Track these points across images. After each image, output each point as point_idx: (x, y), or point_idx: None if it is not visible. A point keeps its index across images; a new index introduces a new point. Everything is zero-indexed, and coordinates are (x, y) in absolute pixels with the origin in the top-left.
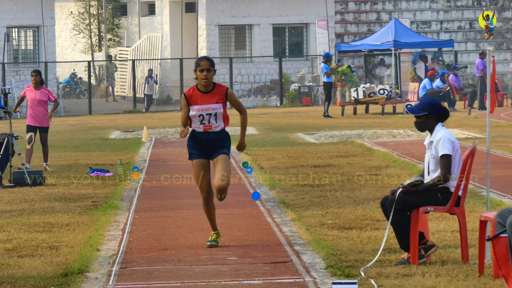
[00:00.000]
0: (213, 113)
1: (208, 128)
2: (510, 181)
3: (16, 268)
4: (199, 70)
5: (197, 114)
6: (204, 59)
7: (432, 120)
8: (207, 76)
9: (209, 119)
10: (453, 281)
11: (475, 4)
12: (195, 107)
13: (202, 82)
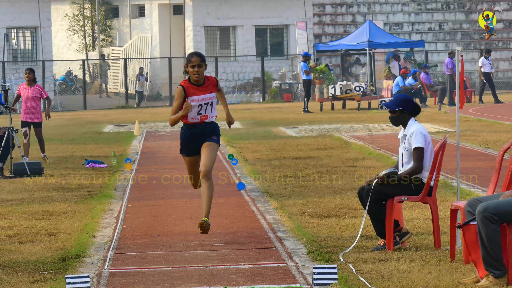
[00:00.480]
0: (210, 102)
1: (205, 118)
2: (479, 173)
3: (17, 253)
4: (190, 66)
5: (196, 105)
6: (195, 55)
7: (406, 115)
8: (199, 71)
9: (206, 109)
10: (426, 266)
11: (444, 7)
12: (194, 98)
13: (194, 77)
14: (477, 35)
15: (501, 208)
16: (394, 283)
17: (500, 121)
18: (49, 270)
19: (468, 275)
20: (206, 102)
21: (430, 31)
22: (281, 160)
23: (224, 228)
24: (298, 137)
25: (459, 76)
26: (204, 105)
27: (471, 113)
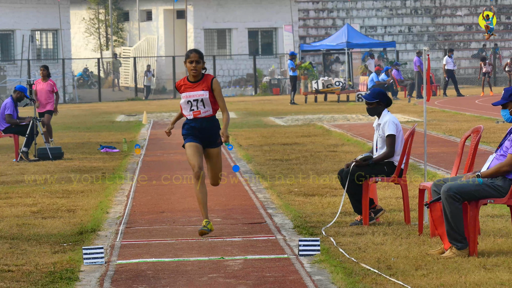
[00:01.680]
0: (199, 99)
1: (197, 114)
2: (443, 157)
3: (40, 227)
4: (188, 62)
5: (185, 101)
6: (194, 52)
7: (381, 106)
8: (196, 67)
9: (197, 105)
10: (397, 239)
11: (412, 12)
12: (183, 94)
13: (191, 72)
14: (441, 37)
15: (463, 188)
16: (369, 254)
17: (462, 112)
18: (68, 242)
19: (434, 247)
20: (196, 99)
21: (401, 33)
22: (271, 146)
23: (220, 205)
24: (285, 125)
25: (426, 73)
26: (193, 101)
27: (437, 105)
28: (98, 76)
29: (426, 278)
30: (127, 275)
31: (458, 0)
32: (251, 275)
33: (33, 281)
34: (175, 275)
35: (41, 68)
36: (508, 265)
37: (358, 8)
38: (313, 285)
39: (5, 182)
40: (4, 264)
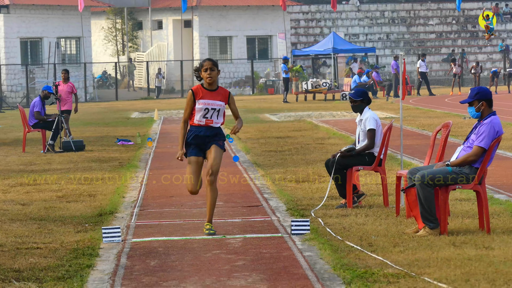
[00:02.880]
0: (217, 109)
1: (210, 123)
2: (417, 148)
3: (65, 210)
4: (203, 70)
5: (202, 108)
6: (207, 60)
7: (364, 104)
8: (211, 74)
9: (212, 114)
10: (377, 220)
11: (390, 22)
12: (201, 101)
13: (207, 80)
14: (415, 43)
15: (434, 176)
16: (353, 233)
17: (433, 109)
18: (89, 223)
19: (409, 227)
20: (213, 108)
21: (380, 40)
22: (266, 139)
23: (222, 190)
24: (279, 121)
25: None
26: (211, 110)
27: (411, 103)
28: (115, 78)
29: (402, 254)
30: (141, 251)
31: (430, 11)
32: (249, 252)
33: (59, 257)
34: (183, 252)
35: (63, 72)
36: (475, 243)
37: (342, 18)
38: (304, 261)
39: (34, 171)
40: (34, 242)
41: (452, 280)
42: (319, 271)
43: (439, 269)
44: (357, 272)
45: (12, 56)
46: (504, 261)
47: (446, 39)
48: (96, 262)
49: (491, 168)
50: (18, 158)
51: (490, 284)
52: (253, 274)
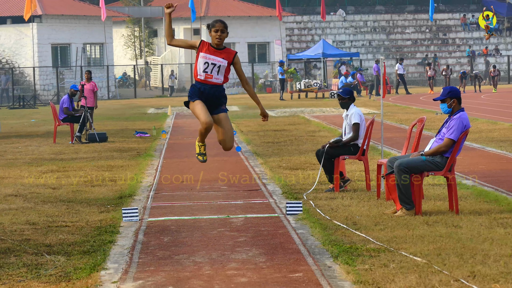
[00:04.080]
0: (217, 64)
1: (209, 78)
2: (396, 140)
3: (90, 193)
4: (213, 31)
5: (202, 61)
6: (219, 22)
7: (350, 101)
8: (221, 36)
9: (212, 69)
10: (361, 202)
11: (372, 31)
12: (202, 54)
13: (216, 41)
14: (394, 49)
15: (410, 164)
16: (339, 213)
17: (410, 106)
18: (111, 204)
19: (389, 208)
20: (213, 63)
21: (363, 46)
22: (265, 132)
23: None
24: (276, 116)
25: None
26: (210, 64)
27: (391, 101)
28: (134, 79)
29: (383, 231)
30: (156, 229)
31: (406, 21)
32: (250, 229)
33: (85, 234)
34: (192, 229)
35: (86, 72)
36: (445, 222)
37: (331, 27)
38: (297, 237)
39: (63, 159)
40: (63, 221)
41: (426, 254)
42: (310, 246)
43: (414, 244)
44: (343, 247)
45: (44, 60)
46: (470, 238)
47: (421, 45)
48: (117, 238)
49: (459, 157)
50: (50, 148)
51: (459, 257)
52: (253, 249)
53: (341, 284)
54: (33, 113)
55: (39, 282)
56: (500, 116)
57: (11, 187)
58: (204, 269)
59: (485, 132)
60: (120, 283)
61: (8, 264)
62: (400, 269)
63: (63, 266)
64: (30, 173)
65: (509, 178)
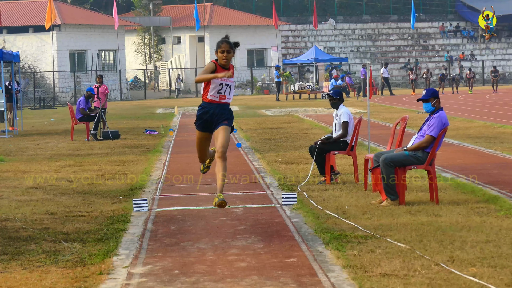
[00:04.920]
0: (230, 84)
1: (223, 98)
2: (381, 137)
3: (103, 186)
4: (220, 51)
5: (218, 83)
6: (225, 42)
7: (340, 102)
8: (227, 57)
9: (225, 90)
10: (350, 193)
11: (359, 38)
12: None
13: (223, 62)
14: (379, 54)
15: (395, 158)
16: (330, 203)
17: (394, 106)
18: (123, 195)
19: (375, 199)
20: (227, 84)
21: (351, 52)
22: (263, 129)
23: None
24: (272, 115)
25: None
26: (225, 85)
27: (376, 102)
28: (144, 82)
29: (370, 220)
30: (164, 218)
31: (390, 29)
32: (249, 218)
33: (99, 223)
34: (197, 219)
35: (98, 76)
36: (426, 211)
37: (322, 35)
38: (292, 225)
39: (80, 155)
40: (79, 211)
41: (409, 241)
42: (304, 234)
43: (398, 232)
44: (334, 234)
45: (63, 65)
46: (449, 226)
47: (403, 51)
48: (128, 226)
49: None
50: (67, 144)
51: (439, 244)
52: (252, 236)
53: (332, 268)
54: (53, 113)
55: (57, 267)
56: (475, 115)
57: (32, 180)
58: (207, 254)
59: (462, 129)
60: (131, 268)
61: (29, 250)
62: (386, 254)
63: (79, 253)
64: (49, 167)
65: (484, 171)
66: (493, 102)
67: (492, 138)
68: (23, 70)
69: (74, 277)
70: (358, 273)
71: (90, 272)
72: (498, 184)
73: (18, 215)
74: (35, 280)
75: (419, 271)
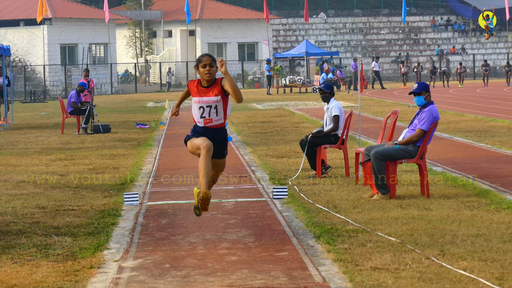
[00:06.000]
0: (213, 105)
1: (208, 122)
2: (372, 130)
3: (95, 180)
4: (201, 66)
5: (197, 106)
6: (206, 55)
7: (331, 95)
8: (210, 71)
9: (209, 112)
10: (341, 187)
11: (350, 31)
12: (196, 99)
13: (205, 77)
14: (370, 48)
15: (385, 152)
16: (321, 197)
17: (384, 100)
18: (113, 189)
19: (366, 192)
20: (209, 105)
21: (342, 46)
22: (254, 123)
23: None
24: (263, 109)
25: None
26: (206, 107)
27: (367, 95)
28: (135, 75)
29: (360, 214)
30: (154, 212)
31: (381, 23)
32: (240, 212)
33: (89, 217)
34: (188, 213)
35: (84, 70)
36: (417, 205)
37: (313, 29)
38: (283, 219)
39: (70, 148)
40: (70, 205)
41: (400, 235)
42: (295, 228)
43: (389, 226)
44: (324, 228)
45: (54, 58)
46: (440, 220)
47: (394, 45)
48: (118, 220)
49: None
50: (58, 138)
51: (429, 237)
52: (243, 230)
53: (322, 262)
54: (43, 106)
55: (48, 261)
56: (466, 109)
57: (23, 174)
58: (198, 248)
59: (453, 123)
60: (122, 262)
61: (20, 244)
62: (376, 248)
63: (70, 246)
64: (40, 161)
65: (475, 165)
66: (484, 96)
67: (482, 132)
68: (14, 64)
69: (65, 271)
70: (348, 267)
71: (81, 266)
72: (489, 178)
73: (8, 209)
74: (25, 274)
75: (410, 265)
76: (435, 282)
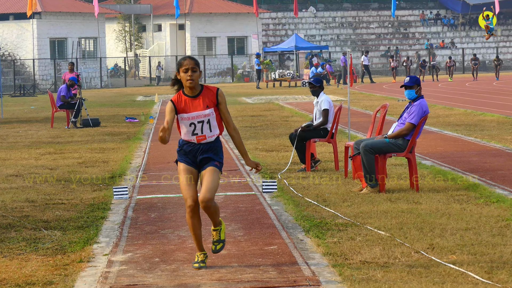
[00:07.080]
0: (206, 120)
1: (202, 139)
2: (361, 124)
3: (84, 173)
4: (182, 71)
5: (187, 123)
6: (188, 58)
7: (320, 89)
8: (192, 76)
9: (202, 128)
10: (330, 181)
11: (340, 26)
12: (184, 115)
13: (188, 83)
14: (360, 42)
15: (375, 145)
16: (311, 191)
17: (374, 94)
18: (103, 183)
19: (355, 186)
20: (200, 121)
21: (332, 40)
22: (243, 117)
23: None
24: (253, 103)
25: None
26: (197, 123)
27: (357, 89)
28: (124, 69)
29: (350, 207)
30: (144, 206)
31: (371, 17)
32: (229, 206)
33: (79, 210)
34: (177, 206)
35: (69, 64)
36: (406, 199)
37: (302, 23)
38: (272, 213)
39: (60, 142)
40: (59, 199)
41: (389, 228)
42: (284, 221)
43: (378, 219)
44: (314, 222)
45: (43, 52)
46: (429, 213)
47: (384, 39)
48: (108, 214)
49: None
50: (47, 132)
51: (419, 231)
52: (233, 224)
53: (312, 256)
54: (33, 100)
55: (37, 254)
56: (455, 103)
57: (12, 168)
58: (188, 242)
59: (442, 117)
60: (111, 256)
61: (9, 238)
62: (366, 242)
63: (59, 240)
64: (29, 155)
65: (464, 158)
66: (473, 90)
67: (472, 126)
68: (3, 58)
69: (54, 264)
70: (338, 261)
71: (70, 260)
72: (478, 172)
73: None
74: (15, 268)
75: (399, 259)
76: (424, 276)
